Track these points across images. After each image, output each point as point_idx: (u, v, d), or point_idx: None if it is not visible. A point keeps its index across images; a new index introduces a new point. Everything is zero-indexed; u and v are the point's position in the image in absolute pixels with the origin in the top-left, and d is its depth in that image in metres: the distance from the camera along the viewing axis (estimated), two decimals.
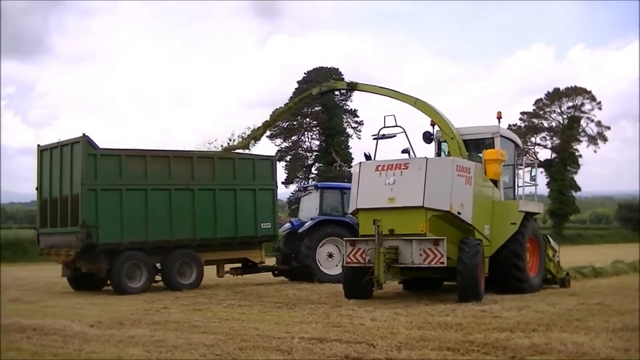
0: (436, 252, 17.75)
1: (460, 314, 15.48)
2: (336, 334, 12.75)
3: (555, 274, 22.64)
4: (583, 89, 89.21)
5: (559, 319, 14.44)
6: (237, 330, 13.35)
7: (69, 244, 21.96)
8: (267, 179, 25.34)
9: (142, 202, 22.36)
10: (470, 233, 19.01)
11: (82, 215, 21.39)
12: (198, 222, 23.49)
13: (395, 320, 14.60)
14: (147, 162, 22.62)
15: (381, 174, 18.70)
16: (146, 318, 15.45)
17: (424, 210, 18.09)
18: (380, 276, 17.81)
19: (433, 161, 18.87)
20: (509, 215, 20.18)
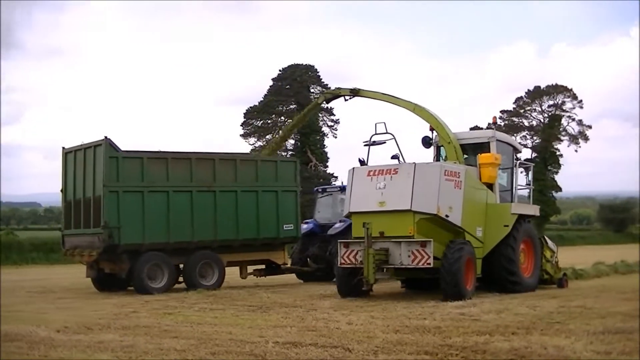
0: (423, 253, 18.92)
1: (438, 317, 15.51)
2: (311, 338, 12.73)
3: (552, 274, 23.58)
4: (564, 87, 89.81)
5: (539, 322, 14.51)
6: (210, 335, 13.30)
7: (92, 245, 22.74)
8: (290, 180, 25.98)
9: (164, 204, 23.06)
10: (461, 235, 20.12)
11: (105, 216, 22.09)
12: (220, 224, 24.14)
13: (371, 323, 14.61)
14: (168, 164, 23.28)
15: (372, 179, 19.88)
16: (115, 322, 15.36)
17: (412, 214, 19.18)
18: (369, 276, 19.06)
19: (421, 166, 19.79)
20: (502, 218, 21.24)
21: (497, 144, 22.21)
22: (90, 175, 22.93)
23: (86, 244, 23.16)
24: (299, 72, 77.41)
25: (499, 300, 18.99)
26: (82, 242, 23.39)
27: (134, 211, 22.47)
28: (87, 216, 23.02)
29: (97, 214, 22.51)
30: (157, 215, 22.91)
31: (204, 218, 23.77)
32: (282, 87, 77.19)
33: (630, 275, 29.23)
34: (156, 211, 22.88)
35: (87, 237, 23.05)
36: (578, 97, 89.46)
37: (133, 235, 22.47)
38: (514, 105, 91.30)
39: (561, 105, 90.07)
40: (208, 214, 23.87)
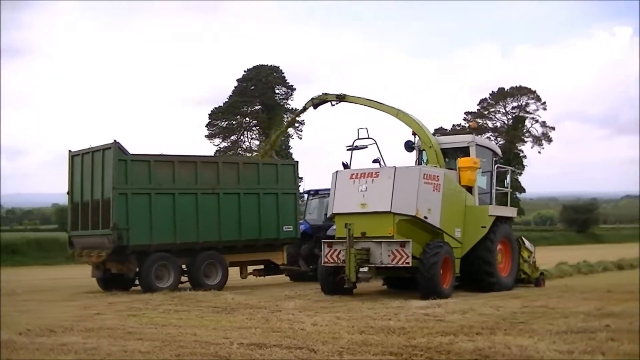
0: (403, 253, 19.90)
1: (403, 317, 15.57)
2: (276, 339, 12.73)
3: (530, 274, 24.37)
4: (528, 89, 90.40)
5: (503, 322, 14.61)
6: (174, 337, 13.25)
7: (101, 245, 23.28)
8: (290, 183, 26.66)
9: (170, 206, 23.65)
10: (440, 236, 21.10)
11: (114, 218, 22.62)
12: (223, 225, 24.75)
13: (336, 324, 14.63)
14: (175, 167, 23.86)
15: (355, 181, 20.86)
16: (79, 325, 15.24)
17: (391, 215, 20.15)
18: (350, 275, 20.07)
19: (401, 170, 20.64)
20: (480, 220, 22.20)
21: (476, 148, 23.09)
22: (98, 177, 23.47)
23: (95, 244, 23.67)
24: (264, 72, 77.30)
25: (463, 300, 19.11)
26: (91, 243, 23.92)
27: (141, 213, 23.07)
28: (96, 218, 23.54)
29: (106, 216, 23.03)
30: (164, 216, 23.51)
31: (208, 220, 24.43)
32: (247, 87, 77.04)
33: (593, 275, 29.60)
34: (163, 213, 23.49)
35: (96, 238, 23.58)
36: (541, 99, 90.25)
37: (141, 237, 23.03)
38: (478, 106, 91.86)
39: (525, 107, 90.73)
40: (212, 216, 24.54)
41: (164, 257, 23.53)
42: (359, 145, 22.26)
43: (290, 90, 78.74)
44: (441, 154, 23.04)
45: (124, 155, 22.91)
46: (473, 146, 23.04)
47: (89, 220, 23.91)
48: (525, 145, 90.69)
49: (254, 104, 76.97)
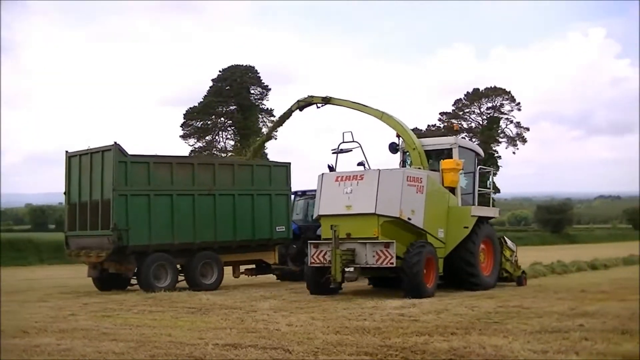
0: (387, 253, 20.46)
1: (378, 317, 15.61)
2: (251, 339, 12.72)
3: (512, 272, 24.90)
4: (502, 90, 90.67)
5: (477, 322, 14.67)
6: (149, 337, 13.21)
7: (100, 245, 23.56)
8: (282, 184, 27.09)
9: (169, 207, 24.01)
10: (423, 236, 21.65)
11: (114, 218, 22.93)
12: (219, 226, 25.19)
13: (311, 325, 14.64)
14: (173, 168, 24.20)
15: (340, 184, 21.48)
16: (52, 326, 15.16)
17: (376, 217, 20.74)
18: (336, 275, 20.61)
19: (385, 173, 21.20)
20: (462, 220, 22.78)
21: (459, 150, 23.65)
22: (98, 178, 23.77)
23: (94, 244, 23.93)
24: (239, 73, 77.13)
25: (438, 300, 19.19)
26: (90, 243, 24.19)
27: (141, 214, 23.41)
28: (95, 218, 23.83)
29: (105, 216, 23.34)
30: (163, 217, 23.87)
31: (205, 220, 24.82)
32: (222, 88, 76.85)
33: (566, 276, 29.73)
34: (161, 214, 23.84)
35: (95, 239, 23.86)
36: (516, 100, 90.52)
37: (140, 237, 23.35)
38: (453, 107, 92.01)
39: (499, 108, 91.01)
40: (209, 217, 24.94)
41: (162, 258, 23.87)
42: (344, 148, 22.65)
43: (266, 90, 78.62)
44: (425, 156, 23.61)
45: (124, 156, 23.19)
46: (456, 148, 23.60)
47: (87, 220, 24.17)
48: (500, 146, 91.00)
49: (229, 104, 76.79)
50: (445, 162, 23.15)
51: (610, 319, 14.76)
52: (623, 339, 12.00)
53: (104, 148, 23.56)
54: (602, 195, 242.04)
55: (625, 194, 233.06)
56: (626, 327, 13.29)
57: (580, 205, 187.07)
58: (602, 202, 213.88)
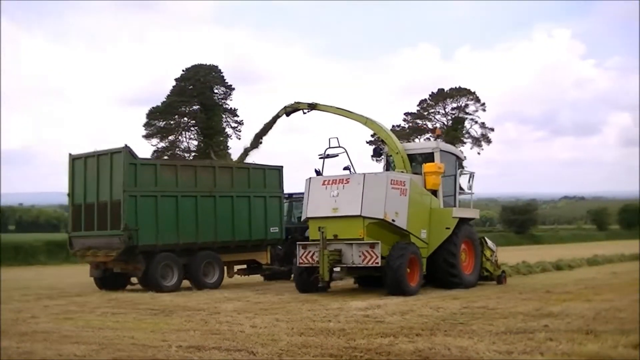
0: (372, 253, 21.65)
1: (343, 319, 15.64)
2: (215, 341, 12.70)
3: (492, 271, 26.05)
4: (467, 90, 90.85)
5: (443, 323, 14.75)
6: (111, 340, 13.15)
7: (109, 245, 24.48)
8: (276, 187, 28.41)
9: (174, 208, 25.12)
10: (407, 237, 22.74)
11: (125, 219, 23.87)
12: (219, 226, 26.39)
13: (276, 326, 14.65)
14: (177, 171, 25.41)
15: (327, 187, 22.65)
16: (13, 329, 15.05)
17: (361, 219, 21.87)
18: (324, 275, 21.78)
19: (370, 176, 22.40)
20: (444, 221, 23.88)
21: (440, 154, 24.91)
22: (106, 180, 24.66)
23: (102, 244, 24.78)
24: (202, 72, 76.74)
25: (403, 301, 19.26)
26: (97, 243, 25.00)
27: (149, 214, 24.42)
28: (103, 219, 24.71)
29: (115, 217, 24.22)
30: (169, 218, 24.93)
31: (206, 221, 25.96)
32: (185, 87, 76.44)
33: (531, 276, 29.95)
34: (168, 214, 24.90)
35: (104, 239, 24.72)
36: (481, 100, 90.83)
37: (149, 237, 24.32)
38: (418, 107, 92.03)
39: (464, 108, 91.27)
40: (210, 217, 26.08)
41: (169, 257, 24.89)
42: (331, 153, 24.00)
43: (229, 89, 78.26)
44: (407, 160, 24.68)
45: (134, 159, 24.22)
46: (437, 152, 24.85)
47: (94, 221, 25.04)
48: (465, 146, 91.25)
49: (192, 103, 76.34)
50: (428, 165, 24.31)
51: (574, 319, 14.90)
52: (587, 340, 12.12)
53: (113, 150, 24.53)
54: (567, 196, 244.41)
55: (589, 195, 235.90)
56: (590, 328, 13.43)
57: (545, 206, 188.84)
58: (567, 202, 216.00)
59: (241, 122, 78.75)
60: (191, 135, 77.55)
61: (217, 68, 78.00)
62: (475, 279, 24.84)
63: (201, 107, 75.70)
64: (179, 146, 76.75)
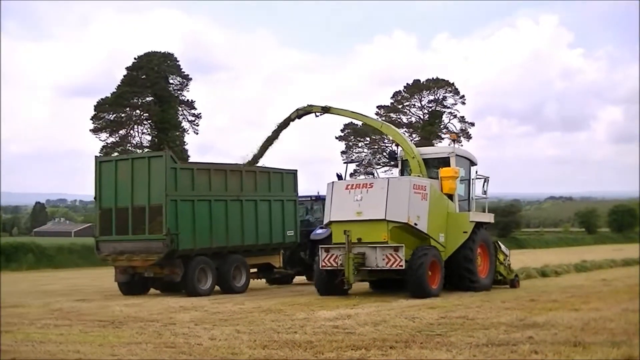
0: (396, 256, 23.71)
1: (310, 330, 15.61)
2: (170, 355, 12.64)
3: (505, 275, 28.23)
4: (445, 81, 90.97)
5: (419, 334, 14.76)
6: (54, 354, 13.05)
7: (148, 250, 26.26)
8: (291, 190, 30.98)
9: (207, 212, 27.24)
10: (426, 241, 24.97)
11: (167, 223, 25.74)
12: (245, 230, 28.66)
13: (237, 338, 14.60)
14: (210, 175, 27.58)
15: (350, 191, 24.84)
16: None
17: (385, 222, 24.06)
18: (349, 277, 23.85)
19: (393, 181, 24.98)
20: (461, 225, 26.12)
21: (456, 158, 27.14)
22: (143, 184, 26.44)
23: (138, 249, 26.49)
24: (156, 60, 76.29)
25: (376, 310, 19.27)
26: (132, 247, 26.64)
27: (187, 219, 26.48)
28: (139, 223, 26.50)
29: (154, 221, 26.13)
30: (204, 222, 27.07)
31: (235, 225, 28.18)
32: (137, 77, 75.94)
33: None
34: (203, 218, 27.03)
35: (141, 243, 26.48)
36: (460, 92, 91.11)
37: (187, 241, 26.36)
38: (392, 100, 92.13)
39: (442, 101, 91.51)
40: (237, 221, 28.29)
41: (204, 261, 26.91)
42: (355, 159, 28.94)
43: (186, 80, 77.90)
44: (423, 164, 26.88)
45: (174, 163, 26.38)
46: (453, 156, 27.13)
47: (128, 225, 26.69)
48: (443, 142, 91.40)
49: (145, 95, 75.92)
50: (444, 170, 26.39)
51: (561, 330, 14.97)
52: (575, 352, 12.18)
53: (151, 154, 27.55)
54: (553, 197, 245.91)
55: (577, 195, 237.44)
56: (578, 339, 13.49)
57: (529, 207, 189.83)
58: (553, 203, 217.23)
59: (199, 115, 78.56)
60: (144, 129, 77.03)
61: (172, 56, 77.62)
62: (490, 282, 26.99)
63: (155, 99, 75.27)
64: (130, 141, 76.20)
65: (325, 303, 21.78)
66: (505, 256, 28.58)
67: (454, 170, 26.42)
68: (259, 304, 22.12)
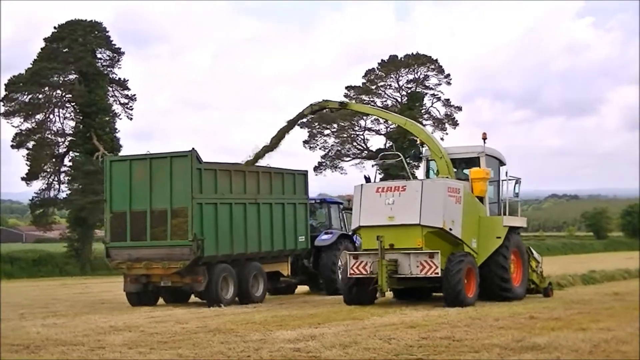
0: (431, 264, 25.96)
1: (266, 354, 15.70)
2: None
3: (538, 284, 30.69)
4: (428, 58, 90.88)
5: (395, 358, 14.80)
6: None
7: (171, 257, 27.99)
8: (302, 192, 33.47)
9: (228, 216, 29.28)
10: (460, 247, 27.25)
11: (194, 228, 27.69)
12: (262, 236, 30.85)
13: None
14: (231, 176, 29.61)
15: (381, 195, 26.92)
16: None
17: (420, 227, 26.29)
18: (383, 285, 26.01)
19: (428, 184, 27.26)
20: (495, 230, 28.27)
21: (486, 158, 29.17)
22: (164, 186, 28.29)
23: (160, 256, 28.12)
24: (81, 30, 75.78)
25: (344, 330, 19.31)
26: (152, 254, 28.29)
27: (211, 223, 28.42)
28: (160, 228, 28.37)
29: (178, 226, 28.00)
30: (225, 226, 29.04)
31: (253, 230, 30.30)
32: (58, 50, 75.38)
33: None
34: (225, 223, 29.01)
35: (163, 249, 28.23)
36: (445, 71, 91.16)
37: (211, 247, 28.28)
38: (364, 79, 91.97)
39: (423, 81, 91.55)
40: (255, 226, 30.41)
41: (226, 269, 28.95)
42: (387, 160, 29.63)
43: (117, 54, 77.44)
44: (451, 165, 29.09)
45: (199, 163, 28.10)
46: (483, 156, 29.18)
47: (146, 230, 28.50)
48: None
49: (68, 71, 75.33)
50: (475, 171, 28.61)
51: (565, 353, 15.09)
52: None
53: (174, 154, 28.49)
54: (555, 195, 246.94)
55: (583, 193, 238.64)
56: None
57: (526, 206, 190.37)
58: (555, 203, 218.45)
59: (133, 97, 78.13)
60: (66, 113, 76.41)
61: (100, 25, 77.12)
62: (524, 291, 29.26)
63: (79, 77, 74.71)
64: (50, 128, 75.58)
65: (285, 321, 21.79)
66: (538, 263, 30.84)
67: (485, 172, 28.53)
68: (206, 322, 22.10)
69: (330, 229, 36.02)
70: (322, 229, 35.68)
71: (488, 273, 27.73)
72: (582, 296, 29.86)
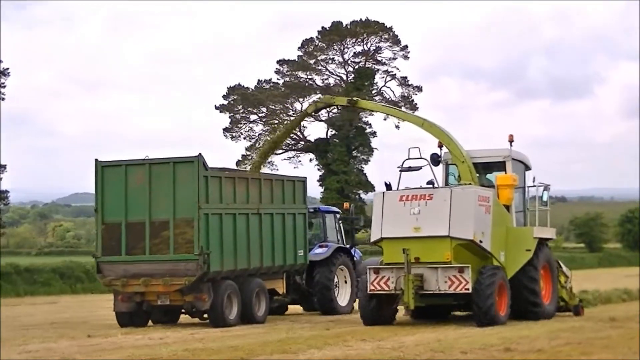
0: (461, 279, 28.27)
1: None
2: None
3: (568, 300, 33.47)
4: (380, 25, 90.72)
5: None
6: None
7: (174, 272, 29.85)
8: (301, 201, 35.82)
9: (232, 227, 31.37)
10: (488, 260, 29.76)
11: (201, 241, 29.65)
12: (264, 249, 33.04)
13: None
14: (235, 184, 31.87)
15: (405, 204, 29.29)
16: None
17: (449, 239, 28.74)
18: (410, 302, 28.20)
19: (457, 192, 29.32)
20: (524, 242, 30.82)
21: (512, 163, 31.73)
22: (166, 194, 30.29)
23: (161, 272, 29.96)
24: None
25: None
26: (151, 270, 30.20)
27: (216, 235, 30.46)
28: (161, 240, 30.24)
29: (181, 238, 30.02)
30: (230, 239, 31.14)
31: (255, 243, 32.45)
32: None
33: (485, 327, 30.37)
34: (229, 235, 31.09)
35: (165, 264, 30.14)
36: (401, 42, 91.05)
37: (216, 262, 30.32)
38: (301, 52, 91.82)
39: (375, 54, 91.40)
40: (257, 239, 32.57)
41: (231, 286, 31.06)
42: (413, 166, 30.88)
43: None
44: (474, 170, 31.38)
45: (205, 170, 30.13)
46: (509, 161, 31.71)
47: (144, 243, 30.34)
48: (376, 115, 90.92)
49: None
50: (501, 177, 31.20)
51: None
52: None
53: (177, 159, 30.60)
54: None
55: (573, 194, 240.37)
56: None
57: None
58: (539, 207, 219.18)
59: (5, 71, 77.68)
60: None
61: None
62: (554, 308, 31.90)
63: None
64: None
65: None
66: (567, 278, 33.59)
67: (512, 178, 31.05)
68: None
69: (325, 241, 37.80)
70: (316, 242, 37.45)
71: (517, 288, 29.79)
72: (571, 322, 30.04)
